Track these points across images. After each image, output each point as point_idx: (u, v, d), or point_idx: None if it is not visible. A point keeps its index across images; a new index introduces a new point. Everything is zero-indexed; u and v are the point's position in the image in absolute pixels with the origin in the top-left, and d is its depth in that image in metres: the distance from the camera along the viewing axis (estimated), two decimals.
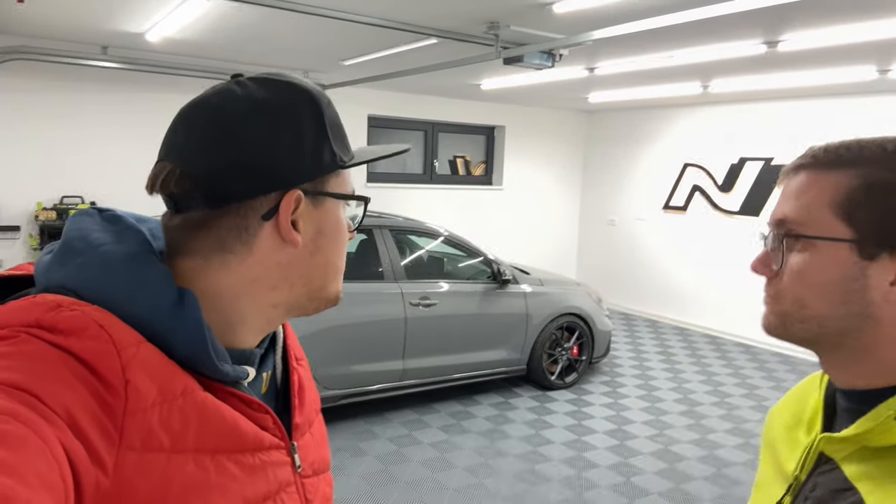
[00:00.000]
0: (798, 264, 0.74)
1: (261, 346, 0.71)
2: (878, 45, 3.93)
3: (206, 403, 0.59)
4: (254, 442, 0.63)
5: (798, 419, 0.89)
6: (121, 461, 0.52)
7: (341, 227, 0.70)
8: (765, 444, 0.95)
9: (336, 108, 0.71)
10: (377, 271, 4.41)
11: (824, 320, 0.73)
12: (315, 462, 0.74)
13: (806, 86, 5.57)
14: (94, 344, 0.53)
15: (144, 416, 0.54)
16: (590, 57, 4.72)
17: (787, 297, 0.75)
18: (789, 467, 0.84)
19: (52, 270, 0.61)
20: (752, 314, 6.70)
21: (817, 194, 0.73)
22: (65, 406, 0.49)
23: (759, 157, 6.72)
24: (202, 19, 3.92)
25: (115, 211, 0.67)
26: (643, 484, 3.70)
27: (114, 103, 5.54)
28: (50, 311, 0.54)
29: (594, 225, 8.73)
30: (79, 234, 0.62)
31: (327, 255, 0.69)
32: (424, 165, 7.73)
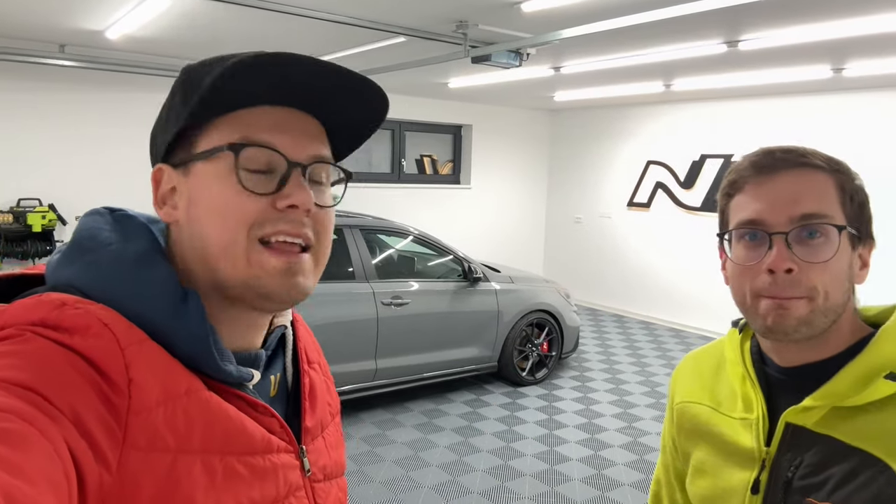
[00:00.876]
0: (824, 254, 0.78)
1: (266, 348, 0.70)
2: (831, 44, 4.07)
3: (211, 403, 0.58)
4: (262, 444, 0.62)
5: (718, 401, 0.94)
6: (125, 460, 0.51)
7: (215, 190, 0.61)
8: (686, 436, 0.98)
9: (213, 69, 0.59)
10: (348, 271, 4.39)
11: (837, 308, 0.79)
12: (327, 466, 0.72)
13: (764, 84, 5.73)
14: (98, 342, 0.53)
15: (149, 414, 0.53)
16: (556, 56, 4.78)
17: (818, 291, 0.78)
18: (746, 443, 0.87)
19: (61, 268, 0.61)
20: (713, 308, 6.88)
21: (827, 191, 0.79)
22: (69, 404, 0.49)
23: (720, 153, 6.88)
24: (164, 16, 3.84)
25: (127, 211, 0.67)
26: (615, 476, 3.76)
27: (72, 103, 5.40)
28: (55, 310, 0.54)
29: (560, 223, 8.83)
30: (88, 232, 0.62)
31: (202, 226, 0.61)
32: (392, 164, 7.71)
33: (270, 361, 0.71)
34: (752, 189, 0.82)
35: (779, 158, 0.81)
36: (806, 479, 0.81)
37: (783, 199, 0.79)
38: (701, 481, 0.94)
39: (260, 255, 0.60)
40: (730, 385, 0.93)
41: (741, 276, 0.83)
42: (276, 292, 0.61)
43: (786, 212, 0.79)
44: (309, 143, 0.63)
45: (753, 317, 0.83)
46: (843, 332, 0.83)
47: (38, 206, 5.26)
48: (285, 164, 0.61)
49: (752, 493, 0.85)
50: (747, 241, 0.82)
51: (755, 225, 0.81)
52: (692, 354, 1.07)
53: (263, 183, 0.61)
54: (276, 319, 0.74)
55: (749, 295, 0.82)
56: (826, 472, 0.79)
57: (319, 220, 0.64)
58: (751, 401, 0.89)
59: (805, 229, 0.78)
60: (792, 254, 0.78)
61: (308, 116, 0.65)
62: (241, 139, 0.61)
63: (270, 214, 0.60)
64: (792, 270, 0.77)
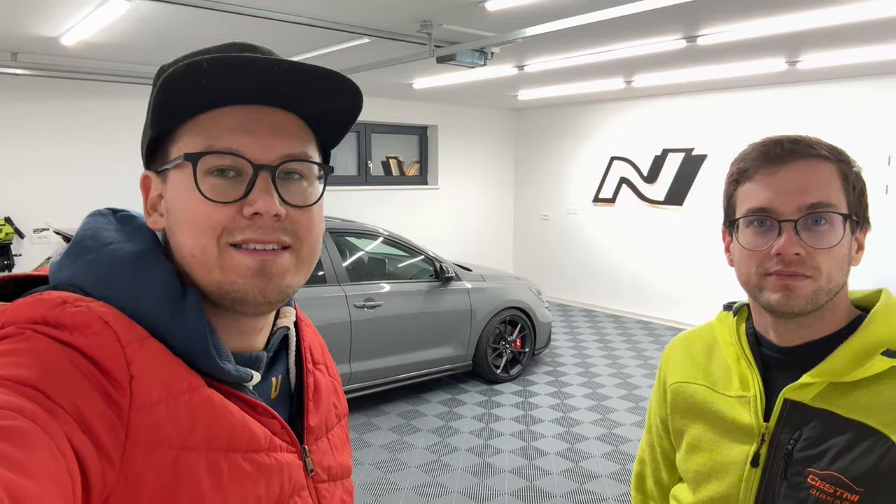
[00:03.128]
0: (829, 240, 0.83)
1: (268, 349, 0.70)
2: (786, 37, 4.19)
3: (213, 400, 0.58)
4: (267, 441, 0.62)
5: (713, 380, 0.98)
6: (128, 456, 0.52)
7: (185, 198, 0.60)
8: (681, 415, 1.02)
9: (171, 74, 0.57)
10: (319, 275, 4.36)
11: (837, 288, 0.85)
12: (332, 467, 0.72)
13: (722, 78, 5.86)
14: (99, 339, 0.53)
15: (151, 411, 0.54)
16: (519, 55, 4.82)
17: (822, 272, 0.83)
18: (745, 420, 0.91)
19: (63, 268, 0.61)
20: (680, 299, 7.01)
21: (832, 180, 0.84)
22: (71, 401, 0.49)
23: (681, 147, 7.02)
24: (122, 21, 3.75)
25: (130, 211, 0.67)
26: (592, 468, 3.81)
27: (28, 113, 5.23)
28: (55, 308, 0.54)
29: (528, 220, 8.90)
30: (90, 232, 0.63)
31: (178, 234, 0.61)
32: (359, 167, 7.67)
33: (273, 362, 0.71)
34: (762, 178, 0.86)
35: (787, 149, 0.85)
36: (806, 451, 0.85)
37: (792, 188, 0.84)
38: (697, 457, 0.98)
39: (233, 258, 0.59)
40: (724, 365, 0.97)
41: (749, 258, 0.87)
42: (251, 294, 0.60)
43: (795, 200, 0.83)
44: (278, 142, 0.61)
45: (759, 295, 0.87)
46: (839, 311, 0.88)
47: None
48: (251, 168, 0.59)
49: (751, 465, 0.89)
50: (756, 226, 0.87)
51: (765, 212, 0.85)
52: (681, 337, 1.10)
53: (229, 190, 0.59)
54: (279, 320, 0.73)
55: (756, 274, 0.87)
56: (825, 444, 0.83)
57: (296, 221, 0.62)
58: (747, 379, 0.93)
59: (812, 217, 0.83)
60: (800, 240, 0.83)
61: (281, 112, 0.62)
62: (204, 146, 0.59)
63: (238, 222, 0.59)
64: (799, 254, 0.82)
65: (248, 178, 0.59)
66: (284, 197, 0.61)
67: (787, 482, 0.86)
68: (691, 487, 0.99)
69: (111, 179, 5.49)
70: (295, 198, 0.62)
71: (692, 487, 0.99)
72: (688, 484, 1.00)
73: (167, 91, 0.57)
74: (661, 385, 1.09)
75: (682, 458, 1.01)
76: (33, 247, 5.30)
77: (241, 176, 0.60)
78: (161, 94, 0.57)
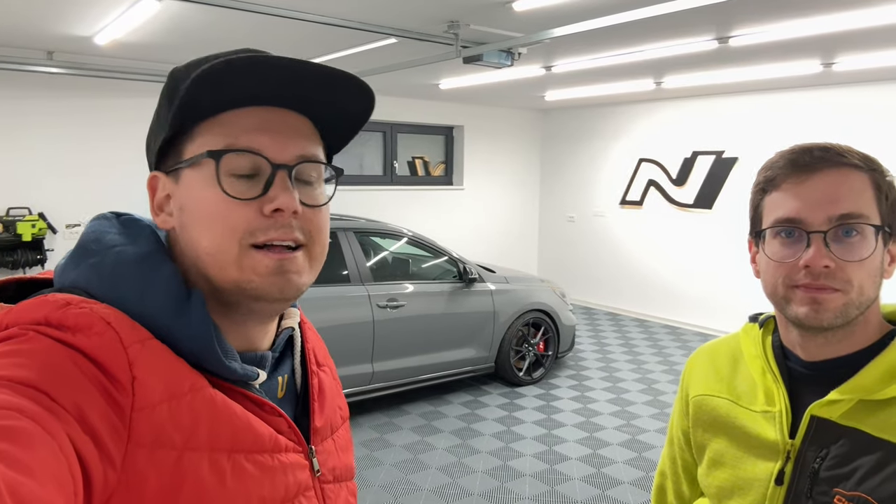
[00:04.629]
0: (860, 252, 0.80)
1: (274, 349, 0.70)
2: (822, 39, 4.08)
3: (217, 400, 0.58)
4: (271, 442, 0.62)
5: (737, 394, 0.95)
6: (130, 456, 0.52)
7: (203, 197, 0.61)
8: (703, 428, 0.99)
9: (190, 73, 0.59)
10: (343, 274, 4.37)
11: (868, 301, 0.81)
12: (337, 468, 0.73)
13: (755, 80, 5.75)
14: (101, 340, 0.53)
15: (153, 412, 0.54)
16: (547, 55, 4.78)
17: (853, 286, 0.79)
18: (769, 436, 0.88)
19: (67, 271, 0.62)
20: (707, 304, 6.90)
21: (864, 190, 0.80)
22: (73, 402, 0.49)
23: (711, 150, 6.90)
24: (153, 21, 3.81)
25: (133, 215, 0.68)
26: (614, 474, 3.76)
27: (61, 110, 5.35)
28: (59, 309, 0.54)
29: (554, 222, 8.84)
30: (94, 235, 0.63)
31: (193, 233, 0.62)
32: (384, 167, 7.69)
33: (279, 363, 0.72)
34: (790, 187, 0.83)
35: (817, 157, 0.82)
36: (833, 471, 0.82)
37: (822, 199, 0.80)
38: (719, 472, 0.95)
39: (252, 257, 0.60)
40: (749, 379, 0.94)
41: (776, 270, 0.84)
42: (269, 291, 0.61)
43: (824, 211, 0.80)
44: (294, 143, 0.63)
45: (786, 307, 0.84)
46: (870, 326, 0.85)
47: (27, 215, 5.21)
48: (270, 167, 0.61)
49: (776, 483, 0.86)
50: (783, 237, 0.83)
51: (793, 223, 0.82)
52: (705, 348, 1.07)
53: (249, 188, 0.60)
54: (284, 321, 0.74)
55: (782, 286, 0.83)
56: (853, 464, 0.80)
57: (309, 220, 0.64)
58: (773, 394, 0.90)
59: (843, 228, 0.79)
60: (829, 252, 0.79)
61: (294, 114, 0.64)
62: (224, 145, 0.60)
63: (260, 222, 0.60)
64: (829, 267, 0.79)
65: (266, 177, 0.61)
66: (299, 196, 0.63)
67: (813, 501, 0.83)
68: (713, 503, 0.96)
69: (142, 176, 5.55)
70: (307, 197, 0.64)
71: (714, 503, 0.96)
72: (709, 499, 0.98)
73: (197, 88, 0.58)
74: (684, 397, 1.06)
75: (704, 473, 0.99)
76: (65, 242, 5.42)
77: (259, 175, 0.61)
78: (191, 90, 0.58)
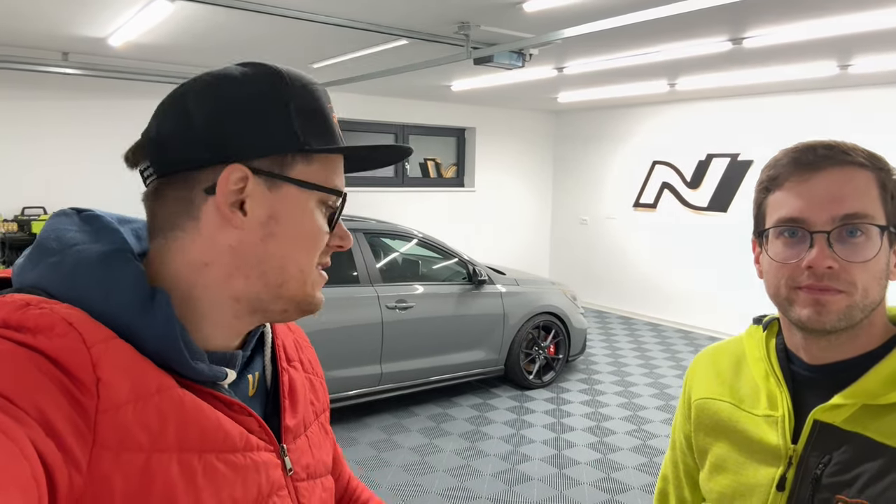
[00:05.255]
0: (865, 253, 0.77)
1: (245, 347, 0.69)
2: (838, 40, 4.03)
3: (185, 400, 0.57)
4: (241, 441, 0.61)
5: (739, 397, 0.93)
6: (96, 460, 0.50)
7: (306, 220, 0.64)
8: (705, 432, 0.97)
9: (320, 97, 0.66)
10: (352, 275, 4.37)
11: (873, 304, 0.79)
12: (310, 465, 0.72)
13: (770, 82, 5.68)
14: (63, 341, 0.52)
15: (118, 413, 0.52)
16: (559, 56, 4.75)
17: (857, 287, 0.77)
18: (772, 441, 0.86)
19: (26, 270, 0.60)
20: (721, 308, 6.82)
21: (869, 189, 0.78)
22: (35, 405, 0.48)
23: (726, 153, 6.83)
24: (167, 22, 3.84)
25: (94, 211, 0.66)
26: (624, 479, 3.72)
27: (76, 111, 5.41)
28: (18, 310, 0.53)
29: (566, 224, 8.79)
30: (54, 233, 0.62)
31: (282, 245, 0.63)
32: (396, 168, 7.69)
33: (250, 360, 0.71)
34: (793, 186, 0.81)
35: (821, 155, 0.79)
36: (835, 477, 0.80)
37: (825, 198, 0.78)
38: (721, 478, 0.93)
39: (316, 277, 0.66)
40: (752, 382, 0.92)
41: (778, 271, 0.82)
42: (317, 307, 0.67)
43: (828, 211, 0.78)
44: None
45: (789, 309, 0.82)
46: (875, 329, 0.82)
47: (42, 215, 5.27)
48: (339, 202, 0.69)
49: (777, 489, 0.84)
50: (786, 237, 0.82)
51: (796, 223, 0.80)
52: (708, 351, 1.05)
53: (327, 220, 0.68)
54: None
55: (785, 287, 0.81)
56: (856, 470, 0.78)
57: None
58: (776, 398, 0.88)
59: (847, 228, 0.77)
60: (833, 252, 0.77)
61: None
62: (332, 184, 0.66)
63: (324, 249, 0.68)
64: (832, 268, 0.77)
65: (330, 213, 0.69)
66: None
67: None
68: None
69: None
70: None
71: None
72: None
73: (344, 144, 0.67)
74: (686, 400, 1.04)
75: (706, 478, 0.97)
76: None
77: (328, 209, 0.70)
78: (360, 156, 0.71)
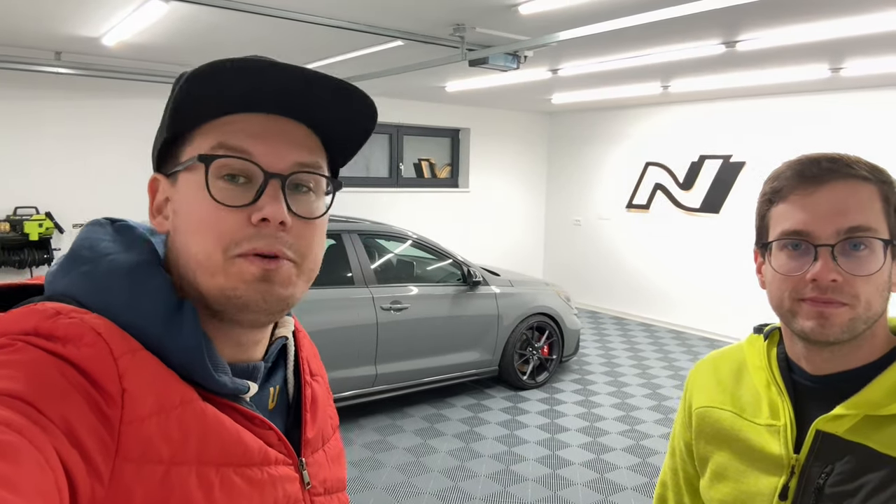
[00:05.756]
0: (869, 267, 0.78)
1: (267, 359, 0.69)
2: (829, 44, 4.06)
3: (207, 413, 0.57)
4: (260, 455, 0.61)
5: (741, 406, 0.94)
6: (118, 471, 0.51)
7: (194, 201, 0.60)
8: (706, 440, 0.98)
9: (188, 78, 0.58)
10: (347, 276, 4.37)
11: (876, 317, 0.80)
12: (328, 480, 0.71)
13: (762, 84, 5.72)
14: (91, 351, 0.52)
15: (142, 425, 0.53)
16: (553, 58, 4.77)
17: (860, 300, 0.78)
18: (773, 450, 0.87)
19: (59, 278, 0.61)
20: (713, 309, 6.86)
21: (873, 203, 0.79)
22: (61, 415, 0.48)
23: (718, 154, 6.87)
24: (161, 22, 3.82)
25: (128, 221, 0.67)
26: (618, 479, 3.74)
27: (69, 110, 5.38)
28: (48, 319, 0.53)
29: (559, 225, 8.82)
30: (87, 242, 0.62)
31: (181, 236, 0.61)
32: (390, 169, 7.69)
33: (271, 372, 0.70)
34: (798, 199, 0.81)
35: (825, 168, 0.80)
36: (838, 487, 0.81)
37: (830, 211, 0.79)
38: (721, 486, 0.94)
39: (238, 265, 0.59)
40: (753, 391, 0.93)
41: (782, 283, 0.83)
42: (254, 300, 0.59)
43: (832, 224, 0.78)
44: (290, 151, 0.61)
45: (792, 321, 0.83)
46: (877, 340, 0.83)
47: (35, 215, 5.24)
48: (262, 175, 0.59)
49: (780, 499, 0.85)
50: (790, 250, 0.82)
51: (800, 236, 0.81)
52: (709, 359, 1.06)
53: (239, 195, 0.59)
54: (278, 330, 0.73)
55: (789, 299, 0.82)
56: (859, 481, 0.79)
57: (300, 234, 0.61)
58: (777, 407, 0.88)
59: (850, 241, 0.78)
60: (837, 266, 0.78)
61: (294, 123, 0.63)
62: (216, 149, 0.59)
63: (246, 231, 0.58)
64: (836, 281, 0.78)
65: (258, 184, 0.59)
66: (292, 207, 0.61)
67: None
68: None
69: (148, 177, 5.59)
70: (301, 209, 0.62)
71: None
72: None
73: (189, 91, 0.57)
74: (687, 408, 1.04)
75: (707, 486, 0.97)
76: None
77: (251, 182, 0.60)
78: (182, 93, 0.58)
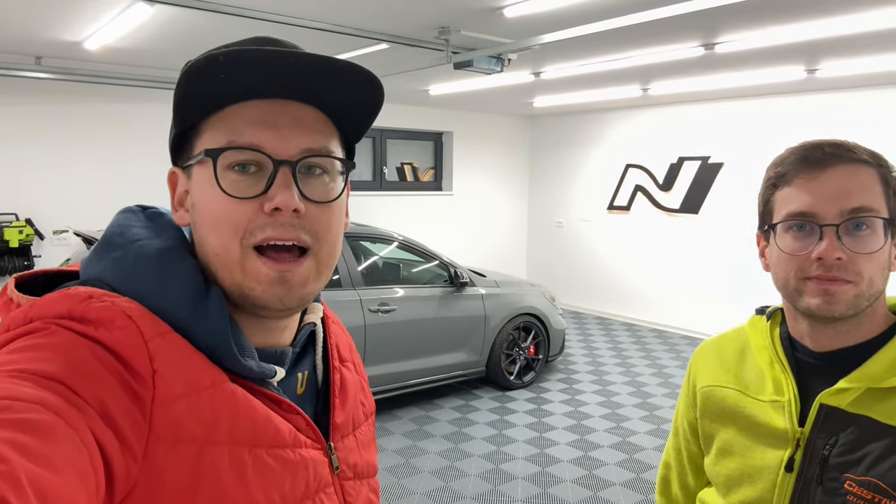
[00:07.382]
0: (871, 245, 0.83)
1: (295, 345, 0.70)
2: (805, 45, 4.16)
3: (237, 395, 0.58)
4: (291, 437, 0.62)
5: (745, 384, 0.98)
6: (151, 450, 0.52)
7: (206, 195, 0.60)
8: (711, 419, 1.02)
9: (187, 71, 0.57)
10: (334, 279, 4.37)
11: (878, 294, 0.85)
12: (358, 465, 0.72)
13: (740, 86, 5.83)
14: (123, 334, 0.54)
15: (173, 405, 0.54)
16: (536, 61, 4.83)
17: (863, 277, 0.83)
18: (779, 424, 0.91)
19: (92, 264, 0.62)
20: (694, 308, 6.96)
21: (874, 185, 0.84)
22: (95, 396, 0.49)
23: (697, 156, 6.98)
24: (146, 26, 3.81)
25: (158, 208, 0.68)
26: (606, 475, 3.78)
27: (50, 116, 5.31)
28: (81, 303, 0.55)
29: (542, 227, 8.88)
30: (119, 229, 0.64)
31: (200, 229, 0.62)
32: (374, 172, 7.70)
33: (299, 358, 0.71)
34: (802, 182, 0.86)
35: (828, 153, 0.85)
36: (842, 457, 0.85)
37: (834, 193, 0.83)
38: (728, 461, 0.97)
39: (254, 263, 0.59)
40: (757, 369, 0.97)
41: (788, 263, 0.87)
42: (270, 301, 0.60)
43: (836, 205, 0.83)
44: (298, 136, 0.60)
45: (798, 299, 0.87)
46: (877, 317, 0.88)
47: (14, 221, 5.16)
48: (272, 164, 0.59)
49: (786, 470, 0.89)
50: (796, 231, 0.87)
51: (805, 217, 0.85)
52: (711, 341, 1.10)
53: (251, 185, 0.59)
54: (307, 316, 0.73)
55: (794, 278, 0.87)
56: (862, 450, 0.83)
57: (314, 219, 0.61)
58: (781, 384, 0.93)
59: (853, 221, 0.83)
60: (842, 244, 0.82)
61: (302, 106, 0.62)
62: (224, 141, 0.59)
63: (260, 220, 0.58)
64: (841, 259, 0.82)
65: (269, 173, 0.59)
66: (305, 192, 0.60)
67: (823, 487, 0.86)
68: (721, 492, 0.99)
69: (131, 183, 5.55)
70: (315, 193, 0.61)
71: (722, 492, 0.98)
72: (717, 489, 1.00)
73: (187, 85, 0.58)
74: (690, 388, 1.08)
75: (712, 463, 1.01)
76: (53, 248, 5.37)
77: (262, 171, 0.59)
78: (181, 88, 0.58)
